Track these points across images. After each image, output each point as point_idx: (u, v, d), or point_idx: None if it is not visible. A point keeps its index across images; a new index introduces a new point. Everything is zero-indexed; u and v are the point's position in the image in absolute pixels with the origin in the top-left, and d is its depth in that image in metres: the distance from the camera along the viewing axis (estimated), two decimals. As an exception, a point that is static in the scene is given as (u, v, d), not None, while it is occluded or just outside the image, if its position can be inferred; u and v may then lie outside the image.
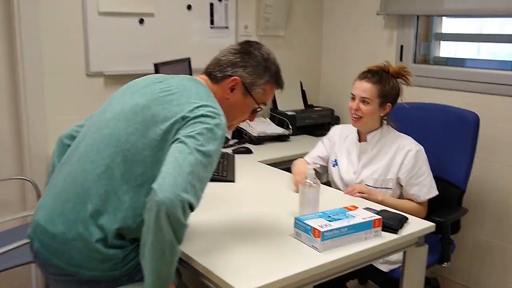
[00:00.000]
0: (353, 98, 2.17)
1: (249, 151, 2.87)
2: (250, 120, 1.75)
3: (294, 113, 3.34)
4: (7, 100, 2.57)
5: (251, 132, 3.08)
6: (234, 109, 1.65)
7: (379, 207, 1.98)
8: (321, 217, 1.70)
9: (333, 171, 2.33)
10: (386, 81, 2.14)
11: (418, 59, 3.18)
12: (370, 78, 2.14)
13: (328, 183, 2.36)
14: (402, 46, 3.19)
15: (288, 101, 3.48)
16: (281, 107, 3.44)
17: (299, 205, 1.85)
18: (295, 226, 1.70)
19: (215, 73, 1.64)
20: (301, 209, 1.83)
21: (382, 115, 2.18)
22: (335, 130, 2.40)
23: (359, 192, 2.10)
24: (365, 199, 2.08)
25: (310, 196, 1.82)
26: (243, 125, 3.12)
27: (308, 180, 1.81)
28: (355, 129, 2.27)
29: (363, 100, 2.13)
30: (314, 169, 1.85)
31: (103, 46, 2.74)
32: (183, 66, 2.78)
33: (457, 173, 2.34)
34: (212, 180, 2.26)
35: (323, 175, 2.45)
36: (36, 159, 2.63)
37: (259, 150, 2.93)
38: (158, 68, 2.39)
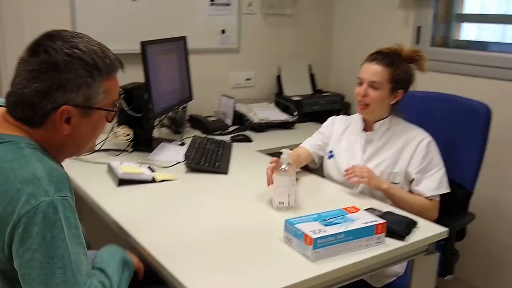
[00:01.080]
0: (361, 83, 1.93)
1: (248, 139, 2.65)
2: (109, 121, 1.29)
3: (300, 98, 3.11)
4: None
5: (252, 119, 2.86)
6: (84, 135, 1.23)
7: (384, 208, 1.75)
8: (315, 220, 1.49)
9: (329, 163, 2.10)
10: (398, 64, 1.89)
11: (437, 41, 2.91)
12: (380, 60, 1.89)
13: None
14: (419, 28, 2.92)
15: (295, 85, 3.24)
16: (287, 91, 3.20)
17: (274, 195, 1.73)
18: (285, 230, 1.49)
19: (28, 114, 1.15)
20: (276, 199, 1.73)
21: (392, 102, 1.94)
22: (332, 120, 2.17)
23: (359, 176, 1.84)
24: (366, 184, 1.86)
25: (286, 184, 1.69)
26: (244, 111, 2.91)
27: (283, 166, 1.69)
28: (359, 118, 2.03)
29: (372, 85, 1.90)
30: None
31: (93, 25, 2.53)
32: (177, 45, 2.56)
33: (464, 172, 2.06)
34: (203, 171, 2.11)
35: (316, 170, 2.21)
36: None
37: (260, 138, 2.71)
38: (145, 48, 2.16)
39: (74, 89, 1.14)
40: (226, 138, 2.64)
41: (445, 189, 1.91)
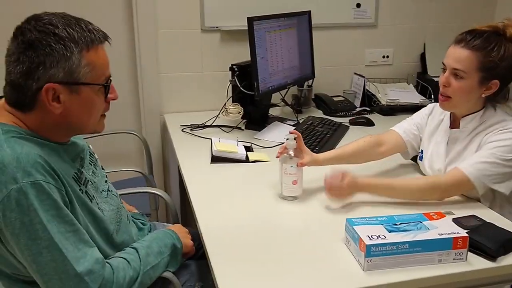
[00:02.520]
0: (444, 70, 1.59)
1: (369, 123, 2.45)
2: (113, 99, 1.27)
3: (442, 79, 2.75)
4: (125, 55, 2.59)
5: (380, 100, 2.63)
6: (80, 113, 1.20)
7: (491, 217, 1.46)
8: (381, 224, 1.30)
9: (420, 165, 1.80)
10: (494, 47, 1.51)
11: None
12: (468, 42, 1.53)
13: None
14: None
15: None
16: (431, 71, 2.85)
17: (280, 185, 1.59)
18: (345, 230, 1.34)
19: (19, 99, 1.16)
20: (282, 191, 1.60)
21: (484, 95, 1.57)
22: (431, 108, 1.81)
23: (327, 190, 1.54)
24: (340, 198, 1.55)
25: (292, 172, 1.53)
26: (373, 91, 2.69)
27: (290, 152, 1.53)
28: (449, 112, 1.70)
29: (455, 73, 1.55)
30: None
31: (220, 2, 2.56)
32: (298, 20, 2.44)
33: None
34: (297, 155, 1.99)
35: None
36: (150, 115, 2.63)
37: (385, 122, 2.47)
38: (252, 24, 2.10)
39: (52, 64, 1.13)
40: (346, 120, 2.47)
41: (493, 184, 1.50)
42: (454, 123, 1.68)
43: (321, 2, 2.69)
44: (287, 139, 1.58)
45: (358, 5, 2.77)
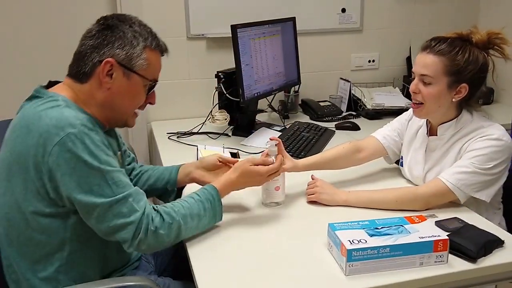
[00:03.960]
0: (414, 78, 1.61)
1: (355, 128, 2.46)
2: (151, 103, 1.43)
3: (427, 83, 2.77)
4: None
5: (365, 104, 2.64)
6: (124, 97, 1.35)
7: (473, 219, 1.47)
8: (363, 228, 1.31)
9: (402, 170, 1.81)
10: (460, 51, 1.52)
11: None
12: (433, 48, 1.55)
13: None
14: None
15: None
16: (417, 75, 2.88)
17: (263, 192, 1.61)
18: (327, 235, 1.35)
19: (80, 68, 1.32)
20: (264, 198, 1.61)
21: (455, 100, 1.58)
22: (411, 114, 1.80)
23: (308, 194, 1.63)
24: (318, 200, 1.61)
25: (274, 178, 1.54)
26: (359, 95, 2.70)
27: (271, 158, 1.52)
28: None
29: (423, 80, 1.56)
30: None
31: (204, 7, 2.57)
32: (283, 27, 2.45)
33: None
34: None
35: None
36: (137, 123, 2.61)
37: (371, 127, 2.47)
38: (236, 31, 2.11)
39: (119, 46, 1.31)
40: (331, 125, 2.48)
41: (477, 193, 1.52)
42: (432, 131, 1.68)
43: (306, 8, 2.71)
44: (268, 145, 1.58)
45: (343, 10, 2.79)
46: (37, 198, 1.24)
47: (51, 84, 1.38)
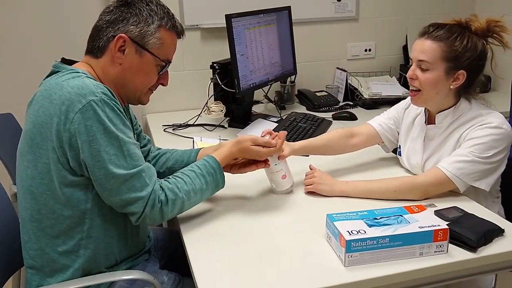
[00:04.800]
0: (412, 65, 1.60)
1: (352, 117, 2.44)
2: (163, 84, 1.46)
3: (425, 71, 2.75)
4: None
5: (362, 94, 2.62)
6: (135, 74, 1.37)
7: (473, 209, 1.45)
8: (361, 219, 1.29)
9: (400, 159, 1.79)
10: (458, 37, 1.51)
11: None
12: (431, 34, 1.53)
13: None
14: None
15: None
16: (413, 63, 2.86)
17: (272, 184, 1.61)
18: (326, 226, 1.33)
19: (96, 43, 1.35)
20: (274, 188, 1.61)
21: (452, 87, 1.56)
22: (408, 102, 1.79)
23: (306, 184, 1.62)
24: (316, 191, 1.60)
25: (278, 169, 1.55)
26: (355, 85, 2.68)
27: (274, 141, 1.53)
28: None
29: (421, 66, 1.55)
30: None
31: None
32: (278, 16, 2.42)
33: None
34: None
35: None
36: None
37: (368, 116, 2.41)
38: (230, 21, 2.08)
39: (134, 22, 1.33)
40: (328, 115, 2.46)
41: (474, 181, 1.49)
42: (430, 119, 1.67)
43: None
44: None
45: (339, -1, 2.76)
46: (59, 167, 1.25)
47: (64, 61, 1.39)
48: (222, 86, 2.26)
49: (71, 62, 1.39)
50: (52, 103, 1.24)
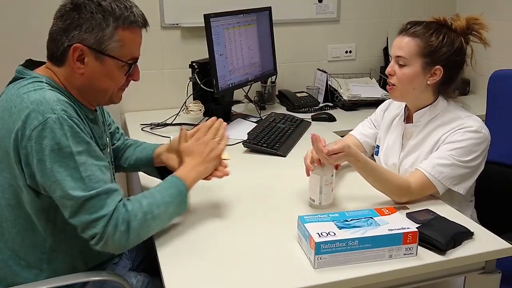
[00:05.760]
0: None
1: (331, 119, 2.45)
2: (134, 80, 1.37)
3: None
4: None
5: (342, 95, 2.63)
6: (100, 80, 1.29)
7: (444, 211, 1.46)
8: (332, 221, 1.29)
9: (376, 160, 1.80)
10: (434, 33, 1.54)
11: None
12: (408, 30, 1.57)
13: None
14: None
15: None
16: (394, 65, 2.87)
17: (309, 190, 1.52)
18: (297, 228, 1.33)
19: (53, 51, 1.28)
20: (309, 194, 1.52)
21: (429, 83, 1.58)
22: (387, 104, 1.83)
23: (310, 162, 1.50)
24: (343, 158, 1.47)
25: (317, 181, 1.47)
26: (335, 86, 2.69)
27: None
28: (403, 105, 1.71)
29: (398, 61, 1.58)
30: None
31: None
32: (258, 16, 2.42)
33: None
34: (261, 152, 1.99)
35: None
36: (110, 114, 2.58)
37: (346, 118, 2.49)
38: (209, 20, 2.08)
39: (88, 29, 1.23)
40: (308, 116, 2.46)
41: (450, 184, 1.50)
42: (409, 119, 1.69)
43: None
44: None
45: (320, 0, 2.77)
46: (19, 183, 1.21)
47: (31, 63, 1.33)
48: (201, 85, 2.25)
49: (37, 64, 1.33)
50: (11, 117, 1.19)
